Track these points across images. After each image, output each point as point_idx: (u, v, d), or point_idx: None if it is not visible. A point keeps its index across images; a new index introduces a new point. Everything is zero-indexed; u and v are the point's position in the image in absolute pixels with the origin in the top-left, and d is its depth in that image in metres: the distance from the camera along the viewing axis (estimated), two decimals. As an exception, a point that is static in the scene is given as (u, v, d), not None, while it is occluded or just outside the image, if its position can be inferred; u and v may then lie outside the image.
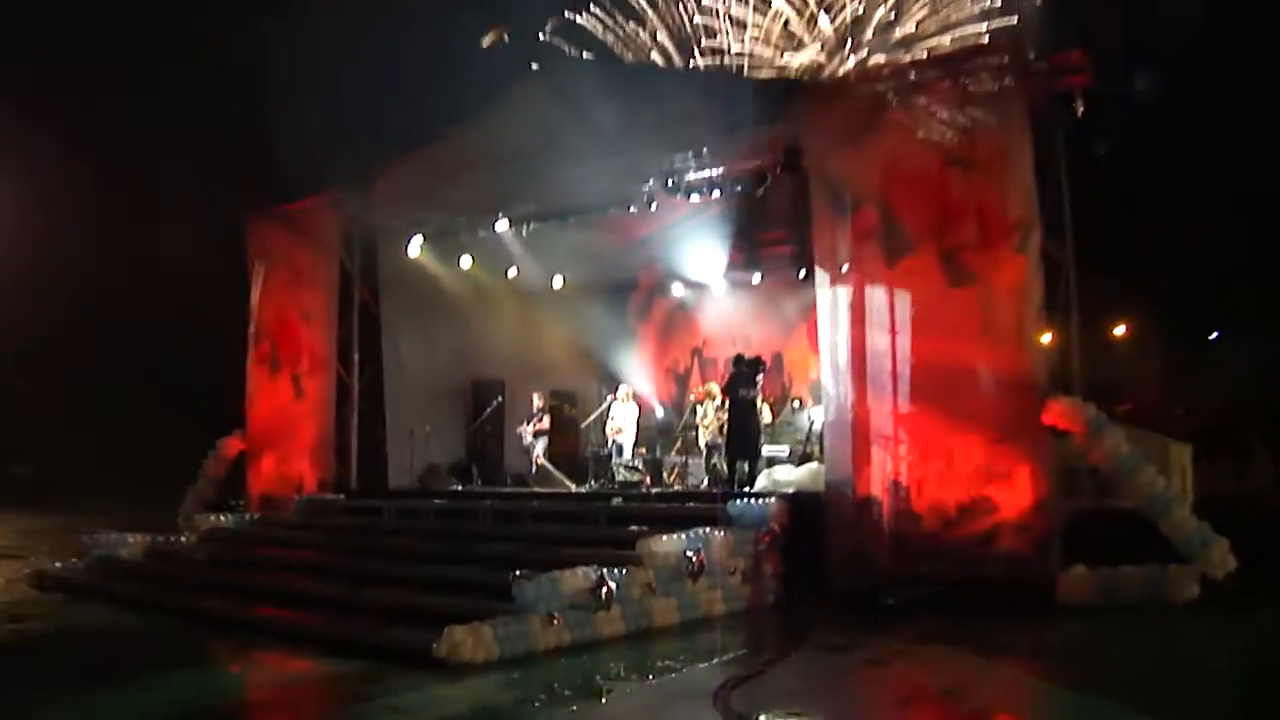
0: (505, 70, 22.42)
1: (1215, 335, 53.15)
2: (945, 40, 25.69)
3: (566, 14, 27.92)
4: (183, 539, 21.60)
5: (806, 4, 27.30)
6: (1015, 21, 24.82)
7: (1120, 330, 48.31)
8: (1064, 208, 16.86)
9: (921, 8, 27.01)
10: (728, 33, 28.14)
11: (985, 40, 19.94)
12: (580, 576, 13.54)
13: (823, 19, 27.26)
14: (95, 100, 46.37)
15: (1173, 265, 44.81)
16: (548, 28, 27.57)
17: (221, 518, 22.45)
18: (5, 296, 43.87)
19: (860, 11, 27.09)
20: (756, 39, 28.11)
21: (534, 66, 21.55)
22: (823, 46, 27.08)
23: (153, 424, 42.88)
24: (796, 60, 27.04)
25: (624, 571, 14.02)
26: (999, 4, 26.04)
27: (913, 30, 26.36)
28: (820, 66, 24.90)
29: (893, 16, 26.86)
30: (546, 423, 23.29)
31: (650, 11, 29.28)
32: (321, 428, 23.31)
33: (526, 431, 23.13)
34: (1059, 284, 16.66)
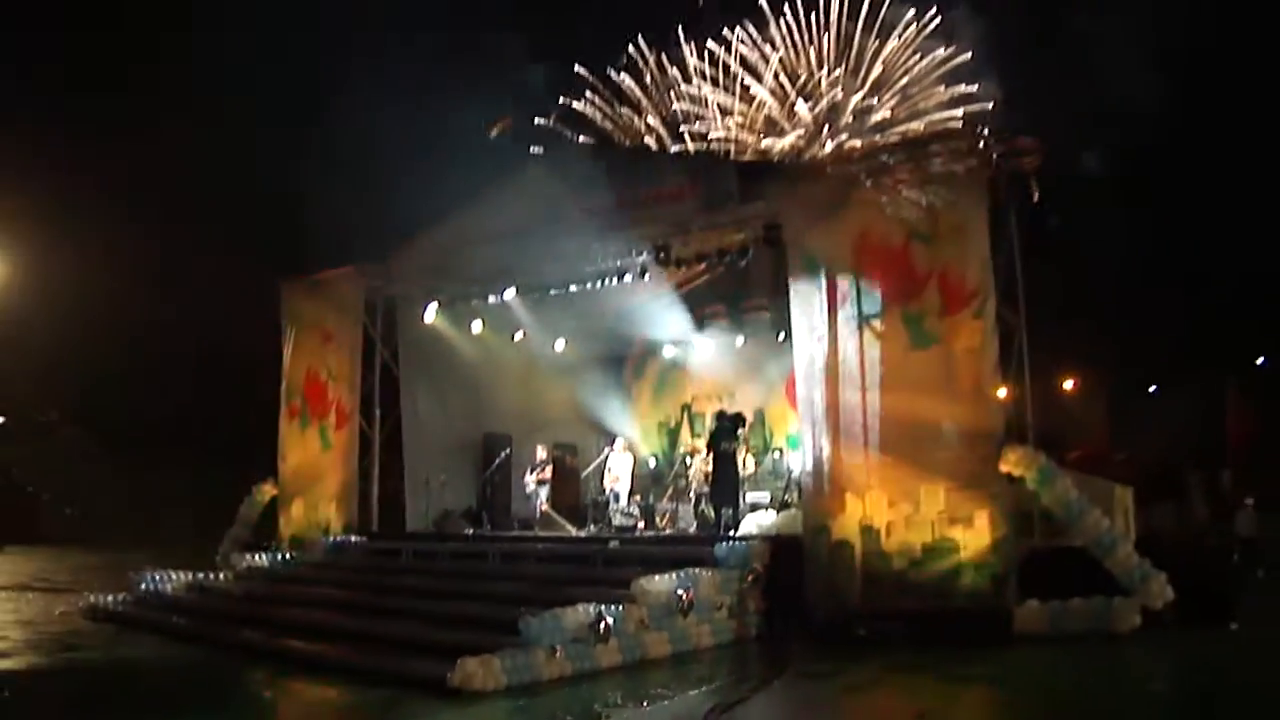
0: (511, 153, 22.62)
1: (1154, 389, 53.28)
2: (918, 126, 25.81)
3: (564, 100, 28.05)
4: (221, 577, 21.58)
5: (787, 94, 27.42)
6: (978, 109, 24.99)
7: (1069, 384, 48.44)
8: (1017, 276, 16.97)
9: (893, 95, 27.16)
10: (715, 118, 28.25)
11: (948, 126, 20.05)
12: (581, 613, 13.51)
13: (801, 106, 27.34)
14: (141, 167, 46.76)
15: (1116, 326, 45.04)
16: (550, 114, 27.69)
17: (256, 557, 22.40)
18: (55, 353, 44.06)
19: (838, 98, 27.20)
20: (741, 125, 28.21)
21: (535, 150, 21.71)
22: (804, 132, 27.16)
23: (188, 469, 42.95)
24: (778, 145, 27.14)
25: (620, 608, 14.01)
26: (966, 91, 26.23)
27: (887, 116, 26.47)
28: (799, 150, 24.97)
29: (874, 100, 27.00)
30: (549, 473, 23.24)
31: (644, 99, 29.41)
32: (346, 476, 23.32)
33: (530, 479, 23.08)
34: (1013, 344, 16.73)
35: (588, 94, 29.94)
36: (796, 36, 29.86)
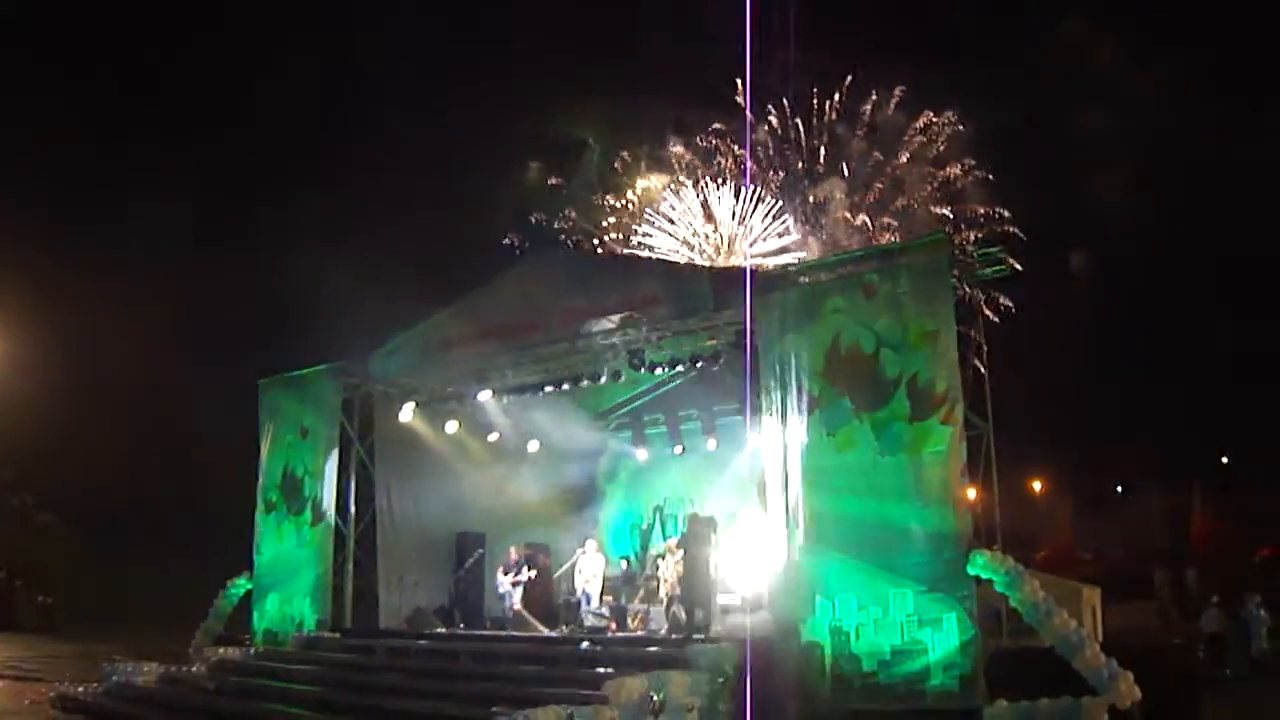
0: (488, 259, 22.89)
1: (1120, 489, 53.56)
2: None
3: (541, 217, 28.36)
4: (193, 669, 21.56)
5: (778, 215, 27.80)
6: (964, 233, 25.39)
7: (1036, 485, 48.64)
8: (984, 381, 17.19)
9: (894, 218, 27.61)
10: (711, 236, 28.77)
11: (919, 237, 20.36)
12: (552, 714, 13.50)
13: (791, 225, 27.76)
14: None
15: (1082, 427, 45.42)
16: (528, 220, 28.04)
17: (229, 651, 22.45)
18: (32, 438, 43.99)
19: (833, 213, 27.56)
20: (727, 247, 28.68)
21: (517, 250, 21.98)
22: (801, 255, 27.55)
23: (163, 559, 42.74)
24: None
25: (591, 709, 13.99)
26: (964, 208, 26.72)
27: (894, 239, 26.80)
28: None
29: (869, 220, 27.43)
30: (525, 574, 23.06)
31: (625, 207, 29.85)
32: (320, 571, 23.16)
33: (505, 580, 22.92)
34: (981, 448, 16.88)
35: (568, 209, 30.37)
36: (790, 153, 30.45)
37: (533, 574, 23.12)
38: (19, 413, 42.26)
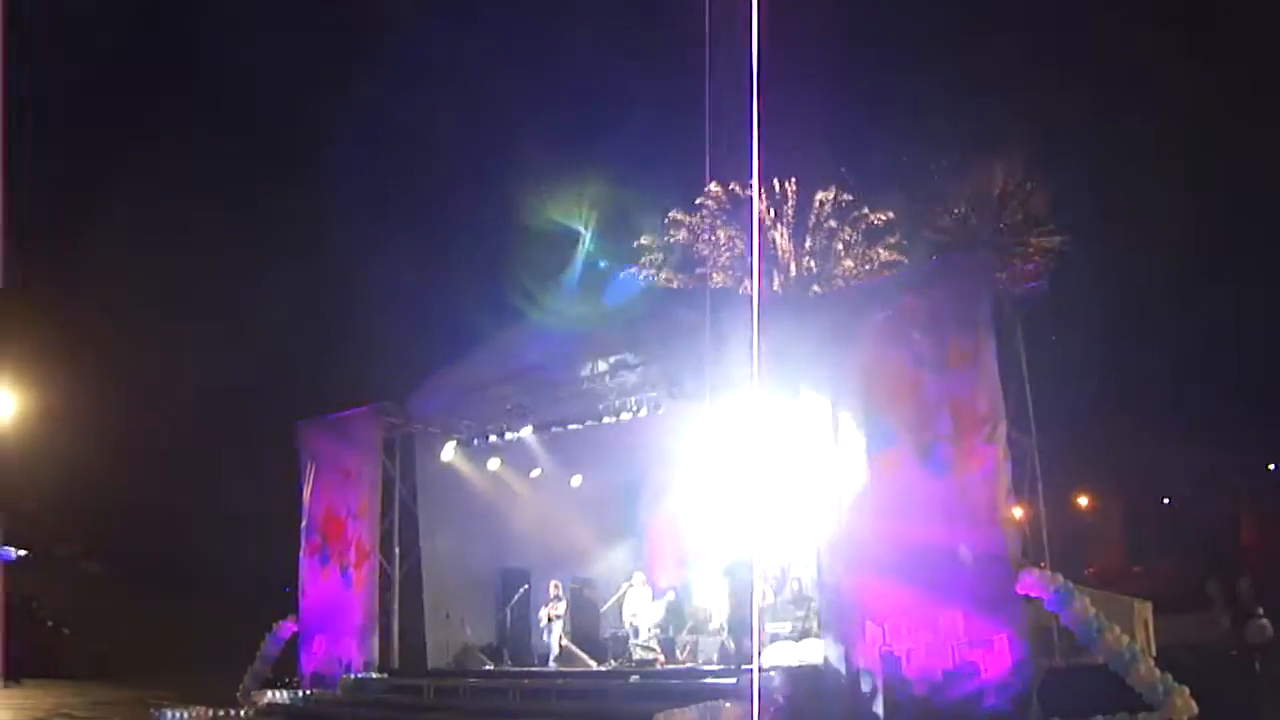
0: (521, 295, 22.96)
1: (1168, 500, 53.22)
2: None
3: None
4: (242, 713, 21.70)
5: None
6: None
7: (1084, 500, 48.36)
8: (1026, 399, 17.11)
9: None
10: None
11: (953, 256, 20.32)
12: (604, 749, 13.50)
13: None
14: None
15: (1130, 440, 45.09)
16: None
17: (277, 694, 22.56)
18: (78, 487, 44.35)
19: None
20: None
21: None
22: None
23: (209, 604, 42.94)
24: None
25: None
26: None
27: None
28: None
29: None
30: (561, 608, 23.01)
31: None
32: (366, 612, 23.31)
33: (544, 614, 22.92)
34: (1026, 465, 16.79)
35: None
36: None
37: (562, 605, 23.04)
38: (66, 463, 42.59)
